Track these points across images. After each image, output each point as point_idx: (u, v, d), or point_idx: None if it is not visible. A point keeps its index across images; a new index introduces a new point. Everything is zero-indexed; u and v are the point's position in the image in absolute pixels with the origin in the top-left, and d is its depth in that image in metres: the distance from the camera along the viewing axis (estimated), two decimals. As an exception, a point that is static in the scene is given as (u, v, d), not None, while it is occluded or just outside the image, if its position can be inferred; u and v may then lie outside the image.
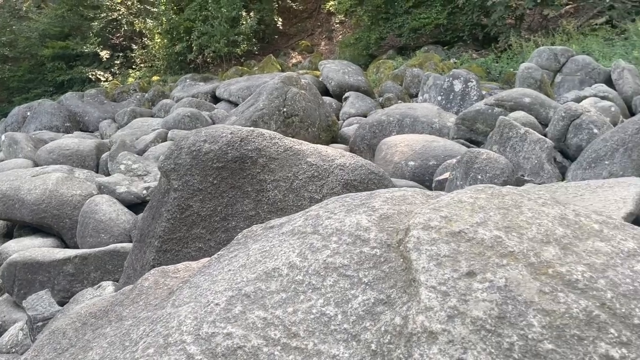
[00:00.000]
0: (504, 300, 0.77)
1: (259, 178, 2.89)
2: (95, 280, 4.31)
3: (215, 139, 2.96)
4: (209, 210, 2.94)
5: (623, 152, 3.79)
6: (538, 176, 4.34)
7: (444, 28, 14.00)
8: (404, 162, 5.79)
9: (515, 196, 0.98)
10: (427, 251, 0.85)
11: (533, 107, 5.82)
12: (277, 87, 7.03)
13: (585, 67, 7.56)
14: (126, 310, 1.30)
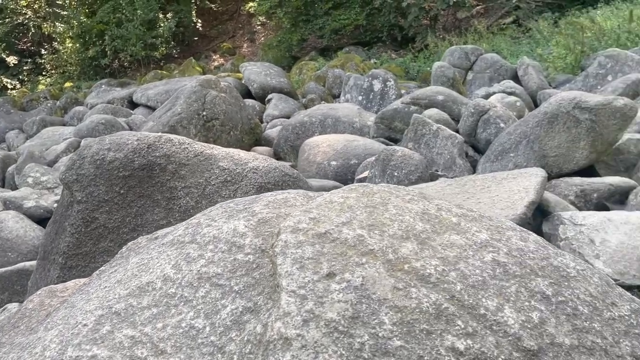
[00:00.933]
0: (359, 300, 0.77)
1: (169, 185, 2.79)
2: (3, 302, 4.00)
3: (120, 147, 2.83)
4: (116, 222, 2.80)
5: (526, 144, 4.02)
6: (451, 170, 4.51)
7: (363, 29, 14.30)
8: (326, 162, 5.83)
9: (385, 194, 0.99)
10: (292, 254, 0.84)
11: (446, 105, 6.04)
12: (196, 91, 6.86)
13: (494, 64, 7.97)
14: (5, 337, 1.19)
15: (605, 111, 3.70)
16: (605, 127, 3.72)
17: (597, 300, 0.88)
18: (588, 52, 7.80)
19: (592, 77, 7.02)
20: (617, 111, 3.68)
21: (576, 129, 3.78)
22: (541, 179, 3.30)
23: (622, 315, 0.89)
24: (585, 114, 3.74)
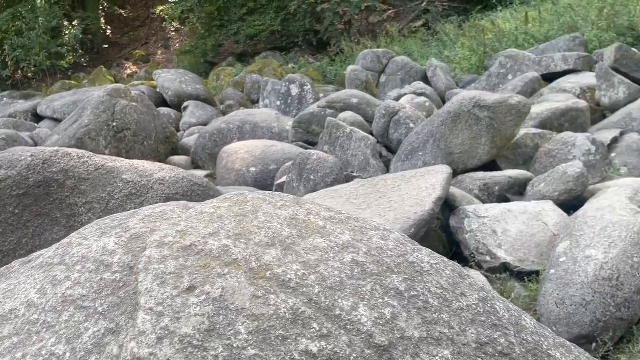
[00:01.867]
0: (217, 312, 0.77)
1: (68, 202, 2.64)
2: None
3: (13, 164, 2.64)
4: (12, 244, 2.61)
5: (433, 143, 4.20)
6: (366, 171, 4.62)
7: (279, 34, 14.33)
8: (245, 168, 5.77)
9: (257, 201, 1.00)
10: (154, 270, 0.82)
11: (361, 107, 6.18)
12: (104, 101, 6.57)
13: (405, 67, 8.27)
14: None
15: (502, 109, 3.94)
16: (503, 123, 3.97)
17: (447, 292, 0.94)
18: (490, 53, 8.28)
19: (494, 77, 7.46)
20: (512, 108, 3.93)
21: (477, 127, 4.00)
22: (447, 175, 3.46)
23: (470, 305, 0.95)
24: (484, 112, 3.97)
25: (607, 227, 2.75)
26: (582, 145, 3.92)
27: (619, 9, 8.01)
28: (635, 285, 2.54)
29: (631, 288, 2.52)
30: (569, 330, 2.48)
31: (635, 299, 2.53)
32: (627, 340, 2.57)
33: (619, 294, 2.49)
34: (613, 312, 2.46)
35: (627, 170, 4.27)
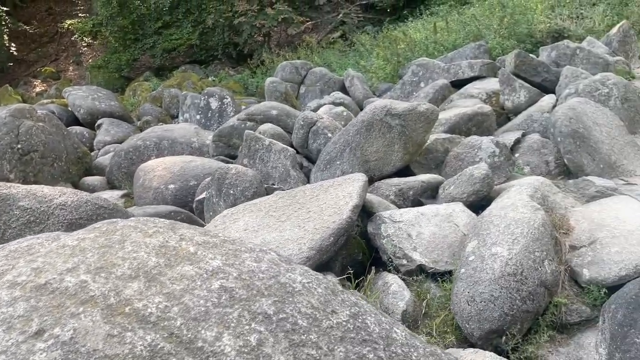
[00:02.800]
0: (66, 356, 0.73)
1: (-43, 235, 2.43)
2: None
3: None
4: None
5: (349, 152, 4.27)
6: (286, 183, 4.62)
7: (198, 48, 14.12)
8: (163, 186, 5.59)
9: (127, 230, 0.96)
10: (1, 315, 0.76)
11: (280, 119, 6.19)
12: (6, 122, 6.15)
13: (323, 77, 8.39)
14: None
15: (412, 116, 4.08)
16: (413, 130, 4.11)
17: (318, 311, 0.94)
18: (403, 62, 8.59)
19: (408, 85, 7.74)
20: (421, 115, 4.08)
21: (390, 134, 4.12)
22: (362, 183, 3.52)
23: (340, 322, 0.96)
24: (395, 119, 4.09)
25: (510, 225, 2.90)
26: (487, 148, 4.14)
27: (518, 18, 8.59)
28: (537, 278, 2.69)
29: (534, 281, 2.68)
30: (480, 326, 2.59)
31: (539, 291, 2.69)
32: (534, 331, 2.72)
33: (524, 287, 2.63)
34: (519, 305, 2.60)
35: (529, 169, 4.55)
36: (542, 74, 6.12)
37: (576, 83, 5.38)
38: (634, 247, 2.82)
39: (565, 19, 8.69)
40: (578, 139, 4.26)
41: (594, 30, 8.28)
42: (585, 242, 3.02)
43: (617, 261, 2.77)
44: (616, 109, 5.04)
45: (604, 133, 4.50)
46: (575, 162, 4.21)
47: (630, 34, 7.55)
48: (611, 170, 4.28)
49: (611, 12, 8.67)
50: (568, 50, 6.46)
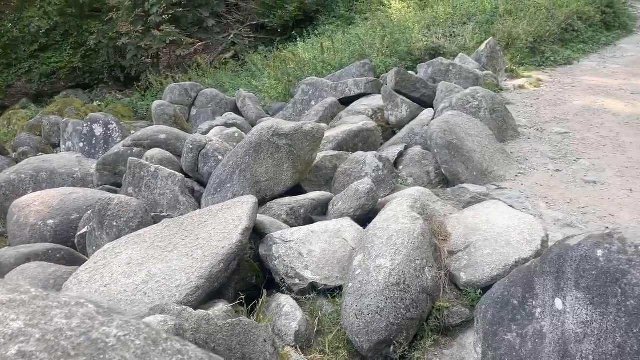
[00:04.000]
0: None
1: None
2: None
3: None
4: None
5: (239, 174, 4.23)
6: (176, 209, 4.46)
7: (81, 71, 13.35)
8: (41, 222, 5.17)
9: None
10: None
11: (170, 143, 5.99)
12: None
13: (214, 98, 8.28)
14: None
15: (299, 135, 4.14)
16: (301, 149, 4.16)
17: None
18: (294, 81, 8.74)
19: (299, 103, 7.87)
20: (307, 134, 4.15)
21: (278, 154, 4.14)
22: (252, 205, 3.49)
23: None
24: (283, 139, 4.13)
25: (393, 236, 3.02)
26: (371, 163, 4.30)
27: (398, 37, 9.10)
28: (419, 286, 2.82)
29: (417, 289, 2.80)
30: (369, 338, 2.65)
31: (422, 297, 2.81)
32: (420, 336, 2.84)
33: (407, 296, 2.74)
34: (404, 313, 2.70)
35: (412, 180, 4.80)
36: (421, 89, 6.51)
37: (450, 97, 5.79)
38: (503, 248, 3.06)
39: (440, 37, 9.35)
40: (453, 149, 4.57)
41: (465, 47, 8.99)
42: (461, 246, 3.23)
43: (488, 262, 2.98)
44: (486, 119, 5.48)
45: (476, 143, 4.87)
46: (451, 171, 4.50)
47: (497, 50, 8.28)
48: (484, 177, 4.63)
49: (480, 30, 9.48)
50: (442, 67, 6.94)
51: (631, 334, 1.62)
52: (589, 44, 9.87)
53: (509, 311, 2.16)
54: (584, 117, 6.29)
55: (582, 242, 1.85)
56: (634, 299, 1.63)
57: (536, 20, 9.38)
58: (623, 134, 5.69)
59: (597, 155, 5.21)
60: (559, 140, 5.64)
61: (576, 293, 1.81)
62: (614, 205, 4.23)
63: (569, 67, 8.80)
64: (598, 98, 7.01)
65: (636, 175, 4.74)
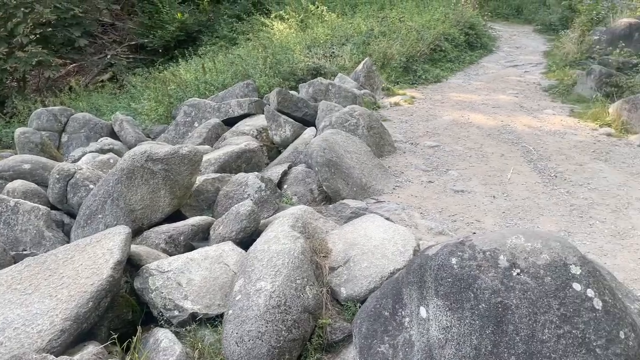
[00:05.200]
0: None
1: None
2: None
3: None
4: None
5: (112, 203, 3.98)
6: (41, 246, 4.08)
7: None
8: None
9: None
10: None
11: (36, 173, 5.50)
12: None
13: (87, 123, 7.77)
14: None
15: (175, 160, 3.99)
16: (178, 173, 4.02)
17: None
18: (175, 102, 8.48)
19: (182, 125, 7.64)
20: (184, 158, 4.02)
21: (153, 180, 3.96)
22: (125, 236, 3.28)
23: None
24: (158, 164, 3.95)
25: (273, 257, 3.00)
26: (253, 184, 4.27)
27: (280, 58, 9.22)
28: (301, 305, 2.81)
29: (298, 309, 2.79)
30: (251, 365, 2.59)
31: (303, 317, 2.81)
32: (303, 356, 2.82)
33: (288, 317, 2.72)
34: (286, 335, 2.67)
35: (297, 198, 4.83)
36: (303, 108, 6.63)
37: (330, 116, 5.95)
38: (379, 260, 3.16)
39: (321, 58, 9.64)
40: (332, 166, 4.68)
41: (345, 67, 9.35)
42: (341, 262, 3.29)
43: (366, 276, 3.06)
44: (364, 136, 5.70)
45: (355, 159, 5.03)
46: (332, 188, 4.60)
47: (373, 69, 8.70)
48: (364, 192, 4.79)
49: (357, 50, 9.91)
50: (322, 87, 7.14)
51: (484, 336, 1.73)
52: (455, 62, 10.73)
53: (381, 323, 2.21)
54: (453, 131, 6.78)
55: (439, 251, 1.96)
56: (484, 302, 1.75)
57: (408, 41, 10.02)
58: (486, 145, 6.21)
59: (464, 165, 5.63)
60: (431, 153, 6.02)
61: (437, 301, 1.90)
62: (479, 212, 4.58)
63: (439, 84, 9.48)
64: (464, 112, 7.61)
65: (498, 182, 5.19)
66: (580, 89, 8.00)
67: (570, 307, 1.69)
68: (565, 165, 5.52)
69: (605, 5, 11.74)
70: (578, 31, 10.47)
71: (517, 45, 12.95)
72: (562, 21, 13.31)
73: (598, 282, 1.77)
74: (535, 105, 7.91)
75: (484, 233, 2.04)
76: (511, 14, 16.68)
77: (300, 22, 12.47)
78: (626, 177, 5.17)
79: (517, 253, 1.81)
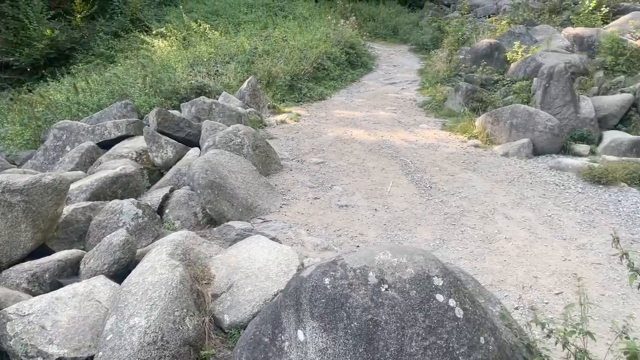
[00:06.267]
0: None
1: None
2: None
3: None
4: None
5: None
6: None
7: None
8: None
9: None
10: None
11: None
12: None
13: (-63, 151, 6.88)
14: None
15: (37, 190, 3.64)
16: (41, 204, 3.67)
17: None
18: (44, 125, 7.81)
19: (51, 150, 7.04)
20: (47, 187, 3.68)
21: (12, 213, 3.57)
22: (-25, 279, 2.91)
23: None
24: (17, 196, 3.58)
25: (148, 290, 2.82)
26: (129, 211, 4.02)
27: (161, 76, 8.89)
28: (180, 339, 2.67)
29: (177, 343, 2.64)
30: (125, 409, 2.39)
31: (183, 350, 2.66)
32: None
33: (166, 353, 2.57)
34: (164, 372, 2.51)
35: (180, 223, 4.63)
36: (185, 129, 6.42)
37: (214, 136, 5.82)
38: (263, 282, 3.11)
39: (205, 76, 9.45)
40: (216, 188, 4.57)
41: (230, 85, 9.25)
42: (224, 287, 3.18)
43: (249, 300, 2.99)
44: (249, 155, 5.65)
45: (240, 179, 4.96)
46: (216, 210, 4.48)
47: (258, 88, 8.70)
48: (249, 212, 4.73)
49: (241, 69, 9.87)
50: (205, 106, 6.98)
51: (358, 354, 1.75)
52: (338, 80, 11.08)
53: (262, 350, 2.16)
54: (337, 147, 6.96)
55: (312, 272, 1.95)
56: (356, 320, 1.77)
57: (291, 60, 10.18)
58: (368, 160, 6.45)
59: (348, 180, 5.79)
60: (316, 169, 6.12)
61: (312, 322, 1.89)
62: (363, 225, 4.72)
63: (323, 101, 9.72)
64: (348, 129, 7.85)
65: (379, 195, 5.39)
66: (450, 104, 8.63)
67: (435, 318, 1.76)
68: (439, 176, 5.89)
69: (469, 26, 12.86)
70: (447, 50, 11.33)
71: (395, 64, 13.71)
72: (433, 41, 14.33)
73: (459, 291, 1.87)
74: (412, 120, 8.39)
75: (355, 251, 2.07)
76: (388, 34, 17.66)
77: (182, 40, 12.17)
78: (492, 185, 5.63)
79: (385, 269, 1.86)
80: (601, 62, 8.56)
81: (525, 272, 3.88)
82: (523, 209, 5.01)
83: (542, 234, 4.51)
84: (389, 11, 19.02)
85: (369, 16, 18.26)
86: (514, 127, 6.76)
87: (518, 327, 2.34)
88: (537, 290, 3.63)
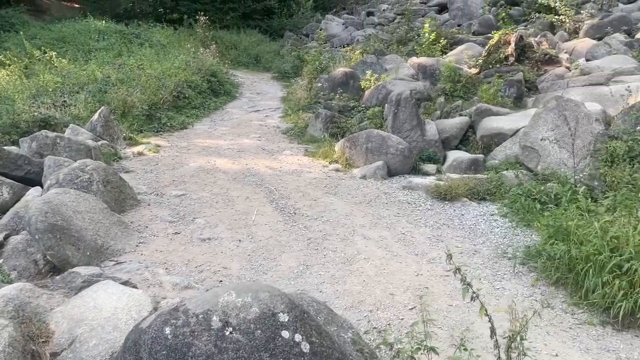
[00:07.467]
0: None
1: None
2: None
3: None
4: None
5: None
6: None
7: None
8: None
9: None
10: None
11: None
12: None
13: None
14: None
15: None
16: None
17: None
18: None
19: None
20: None
21: None
22: None
23: None
24: None
25: (-33, 359, 2.43)
26: (-53, 266, 3.47)
27: None
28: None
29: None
30: None
31: None
32: None
33: None
34: None
35: (17, 273, 4.12)
36: (25, 166, 5.80)
37: (57, 173, 5.32)
38: (110, 334, 2.85)
39: (50, 107, 8.68)
40: (58, 232, 4.15)
41: (79, 116, 8.58)
42: (66, 344, 2.86)
43: (94, 356, 2.72)
44: (99, 192, 5.24)
45: (87, 219, 4.56)
46: (58, 256, 4.06)
47: (111, 119, 8.19)
48: (100, 255, 4.36)
49: (93, 99, 9.23)
50: (48, 140, 6.39)
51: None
52: (200, 109, 10.87)
53: (102, 414, 1.94)
54: (200, 177, 6.77)
55: (152, 322, 1.81)
56: (201, 370, 1.67)
57: (149, 89, 9.78)
58: (232, 189, 6.35)
59: (211, 212, 5.63)
60: (177, 202, 5.87)
61: (154, 377, 1.75)
62: (226, 258, 4.59)
63: (185, 131, 9.45)
64: (211, 158, 7.69)
65: (243, 225, 5.31)
66: (312, 131, 8.88)
67: (280, 357, 1.73)
68: (303, 202, 5.98)
69: (326, 56, 13.45)
70: (307, 79, 11.72)
71: (258, 92, 13.85)
72: (294, 69, 14.76)
73: (305, 324, 1.86)
74: (276, 147, 8.47)
75: (197, 295, 1.98)
76: (251, 62, 17.84)
77: (24, 68, 11.10)
78: (351, 207, 5.84)
79: (229, 311, 1.79)
80: (442, 88, 9.45)
81: (382, 290, 4.05)
82: (380, 229, 5.26)
83: (397, 251, 4.76)
84: (251, 40, 19.27)
85: (231, 44, 18.32)
86: (369, 150, 7.14)
87: (370, 350, 2.41)
88: (393, 307, 3.80)
